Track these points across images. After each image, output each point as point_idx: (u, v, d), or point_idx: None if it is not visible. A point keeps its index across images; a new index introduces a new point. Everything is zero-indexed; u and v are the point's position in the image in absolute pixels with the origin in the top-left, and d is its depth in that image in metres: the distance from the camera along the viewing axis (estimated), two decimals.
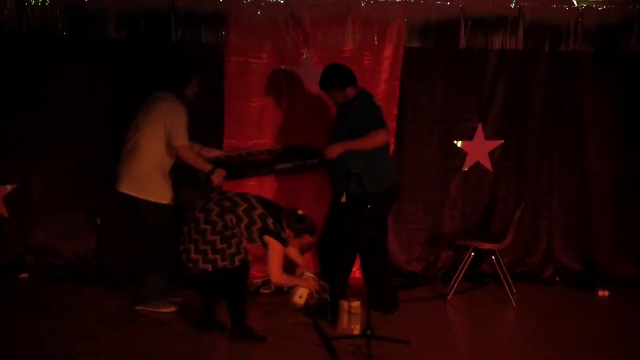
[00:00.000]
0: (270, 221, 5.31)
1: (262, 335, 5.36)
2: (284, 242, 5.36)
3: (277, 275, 5.34)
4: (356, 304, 5.61)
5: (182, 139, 5.80)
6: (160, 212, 5.86)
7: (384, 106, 6.93)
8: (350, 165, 5.52)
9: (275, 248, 5.30)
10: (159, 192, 5.87)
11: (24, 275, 6.85)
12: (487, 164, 7.22)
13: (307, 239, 5.50)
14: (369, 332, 5.05)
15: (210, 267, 5.23)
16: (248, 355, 5.15)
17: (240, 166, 6.27)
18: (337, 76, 5.95)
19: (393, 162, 6.28)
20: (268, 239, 5.30)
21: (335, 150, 5.78)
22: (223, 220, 5.25)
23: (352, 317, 5.58)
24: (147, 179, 5.83)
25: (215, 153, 6.26)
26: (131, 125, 5.93)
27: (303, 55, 6.87)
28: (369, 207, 5.41)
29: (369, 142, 5.75)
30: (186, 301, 6.11)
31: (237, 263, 5.25)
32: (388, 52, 6.93)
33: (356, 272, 7.03)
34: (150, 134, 5.82)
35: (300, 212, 5.50)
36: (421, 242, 7.24)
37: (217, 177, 5.89)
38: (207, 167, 5.88)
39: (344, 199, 5.69)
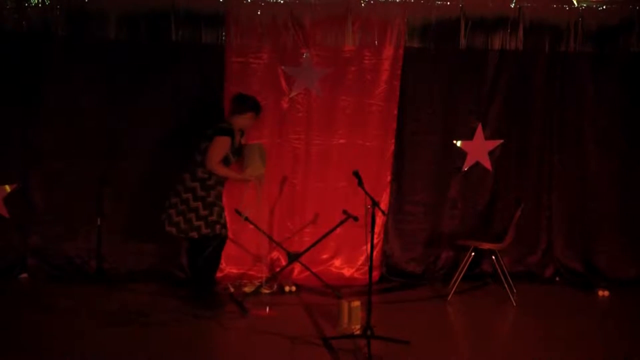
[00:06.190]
0: (216, 126, 5.97)
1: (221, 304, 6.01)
2: (230, 133, 5.94)
3: (213, 163, 5.87)
4: (356, 303, 5.61)
5: None
6: None
7: (384, 106, 6.98)
8: None
9: (216, 141, 5.86)
10: None
11: (24, 275, 6.85)
12: (487, 163, 7.21)
13: (250, 115, 6.12)
14: (369, 332, 5.06)
15: (195, 235, 5.90)
16: (248, 355, 5.15)
17: None
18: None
19: None
20: (216, 138, 5.88)
21: None
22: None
23: (352, 316, 5.58)
24: None
25: None
26: None
27: (303, 55, 6.88)
28: None
29: None
30: (185, 304, 6.13)
31: (217, 231, 5.92)
32: (388, 52, 6.94)
33: (354, 272, 7.08)
34: None
35: (242, 93, 6.21)
36: (421, 242, 7.24)
37: None
38: None
39: None
